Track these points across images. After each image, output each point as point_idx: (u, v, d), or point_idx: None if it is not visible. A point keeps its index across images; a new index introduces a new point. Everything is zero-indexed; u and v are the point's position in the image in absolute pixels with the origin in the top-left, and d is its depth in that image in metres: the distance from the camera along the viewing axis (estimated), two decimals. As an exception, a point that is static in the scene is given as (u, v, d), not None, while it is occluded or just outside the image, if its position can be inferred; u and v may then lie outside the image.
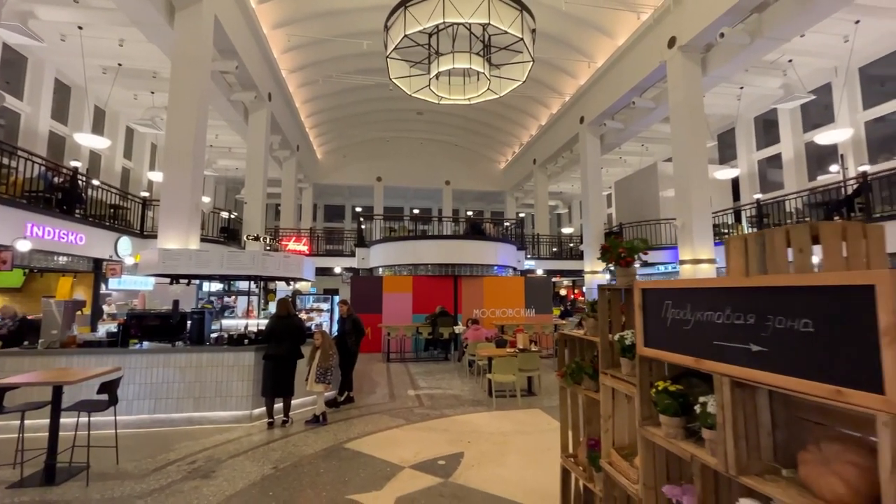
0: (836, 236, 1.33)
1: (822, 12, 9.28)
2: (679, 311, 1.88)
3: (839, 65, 12.58)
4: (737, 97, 14.82)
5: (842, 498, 1.27)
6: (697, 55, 11.27)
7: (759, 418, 1.61)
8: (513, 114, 20.16)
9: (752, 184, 15.86)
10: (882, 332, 1.11)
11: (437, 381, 8.20)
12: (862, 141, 12.41)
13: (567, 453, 3.08)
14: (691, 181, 10.97)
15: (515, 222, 19.01)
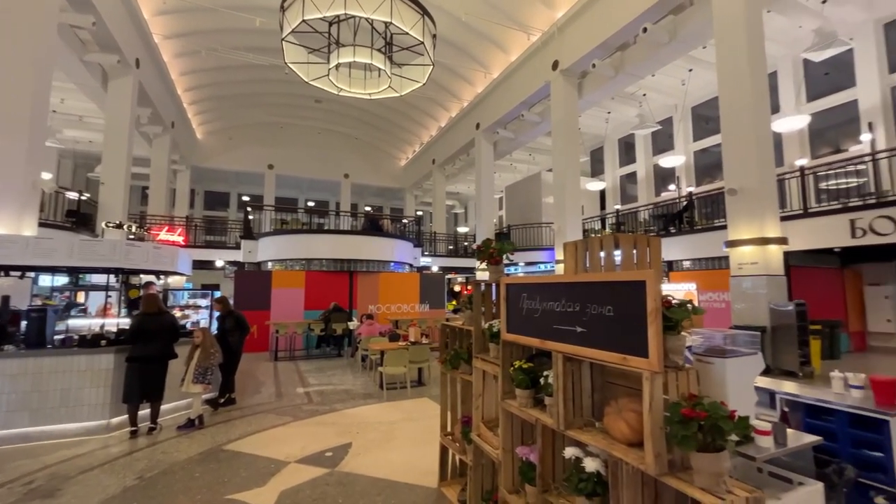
0: (629, 244, 1.80)
1: (665, 59, 11.28)
2: (532, 302, 2.29)
3: (678, 103, 15.37)
4: (605, 120, 17.15)
5: (626, 436, 1.73)
6: (575, 80, 12.80)
7: (583, 384, 2.07)
8: (414, 113, 20.49)
9: (615, 195, 18.51)
10: (648, 314, 1.57)
11: (329, 377, 8.11)
12: (692, 166, 15.34)
13: (445, 432, 3.42)
14: (567, 190, 12.44)
15: (414, 220, 19.40)
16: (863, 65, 10.97)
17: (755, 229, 7.90)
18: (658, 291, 1.56)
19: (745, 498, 1.38)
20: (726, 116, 8.43)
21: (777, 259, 7.95)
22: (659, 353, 1.54)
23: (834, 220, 8.53)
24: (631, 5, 10.18)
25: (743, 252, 8.07)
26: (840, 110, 11.51)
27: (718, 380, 1.99)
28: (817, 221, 8.79)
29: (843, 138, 11.66)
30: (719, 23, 8.52)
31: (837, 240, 8.46)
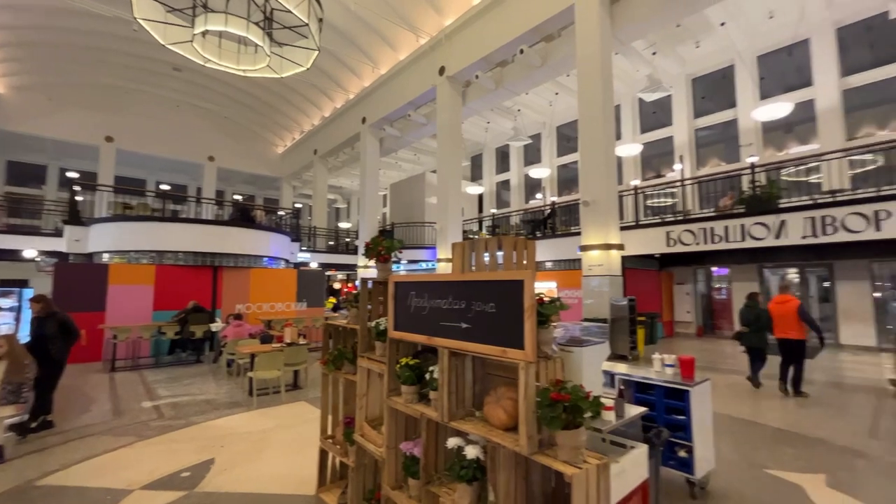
0: (510, 247, 1.97)
1: (537, 80, 12.55)
2: (420, 300, 2.35)
3: (546, 121, 17.26)
4: (485, 129, 18.36)
5: (504, 422, 1.90)
6: (460, 87, 13.43)
7: (466, 377, 2.20)
8: (296, 98, 19.16)
9: (491, 200, 19.95)
10: (525, 310, 1.74)
11: (185, 387, 7.10)
12: (556, 178, 17.38)
13: (326, 435, 3.29)
14: (449, 192, 12.98)
15: (292, 212, 18.13)
16: (677, 109, 13.75)
17: (602, 236, 9.31)
18: (534, 290, 1.75)
19: (596, 465, 1.64)
20: (583, 138, 9.75)
21: (617, 262, 9.48)
22: (534, 345, 1.72)
23: (655, 231, 10.53)
24: (511, 27, 11.08)
25: (592, 255, 9.45)
26: (662, 143, 14.25)
27: (577, 366, 2.31)
28: (645, 232, 10.75)
29: (663, 166, 14.47)
30: (580, 57, 9.81)
31: (657, 247, 10.46)
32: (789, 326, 6.27)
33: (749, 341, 6.75)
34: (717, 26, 11.38)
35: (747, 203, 9.43)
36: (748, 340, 6.77)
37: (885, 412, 5.23)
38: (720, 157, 13.19)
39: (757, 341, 6.68)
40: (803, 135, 11.56)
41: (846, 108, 10.82)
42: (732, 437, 4.45)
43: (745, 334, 6.79)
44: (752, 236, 8.98)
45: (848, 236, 7.87)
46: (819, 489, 3.29)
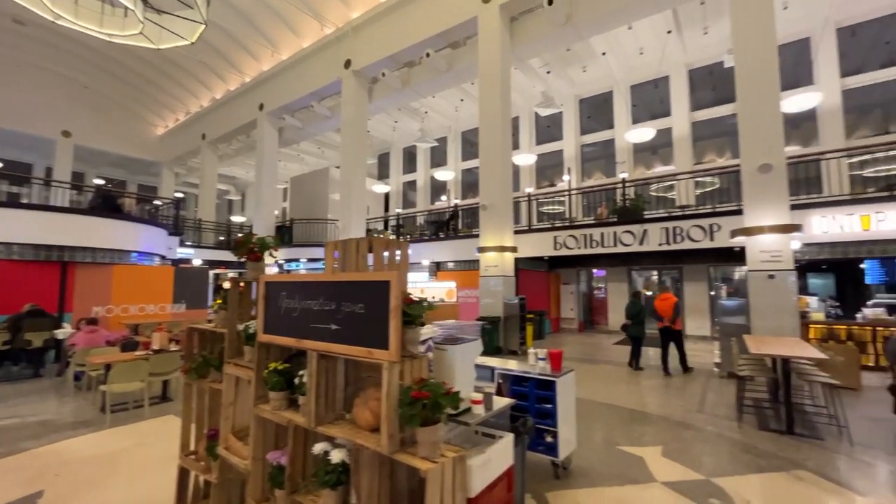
0: (381, 247, 1.98)
1: (443, 85, 12.84)
2: (291, 301, 2.24)
3: (452, 126, 17.76)
4: (392, 128, 18.26)
5: (370, 423, 1.89)
6: (366, 83, 13.17)
7: (337, 380, 2.15)
8: (181, 75, 17.06)
9: (398, 199, 19.92)
10: (391, 310, 1.76)
11: (13, 407, 5.86)
12: (459, 182, 17.96)
13: (187, 451, 2.97)
14: (353, 189, 12.66)
15: (172, 202, 16.10)
16: (567, 126, 15.15)
17: (498, 239, 9.85)
18: (400, 290, 1.77)
19: (453, 458, 1.71)
20: (483, 145, 10.23)
21: (510, 263, 10.12)
22: (398, 345, 1.74)
23: (545, 235, 11.46)
24: (418, 30, 11.19)
25: (489, 257, 9.95)
26: (554, 155, 15.58)
27: (449, 363, 2.41)
28: (536, 236, 11.63)
29: (555, 176, 15.83)
30: (482, 67, 10.27)
31: (546, 250, 11.40)
32: (669, 318, 7.67)
33: (632, 332, 8.03)
34: (599, 55, 12.77)
35: (619, 213, 10.75)
36: (631, 331, 8.05)
37: (710, 390, 6.34)
38: (601, 172, 14.83)
39: (637, 332, 7.98)
40: (664, 157, 13.54)
41: (694, 137, 12.93)
42: (596, 419, 5.02)
43: (629, 326, 8.07)
44: (621, 242, 10.25)
45: (691, 244, 9.41)
46: (656, 459, 3.86)
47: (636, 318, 8.02)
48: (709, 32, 11.67)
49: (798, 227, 6.91)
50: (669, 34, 11.67)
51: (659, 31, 11.67)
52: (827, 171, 9.54)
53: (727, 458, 3.93)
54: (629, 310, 8.21)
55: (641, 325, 8.02)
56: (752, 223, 6.92)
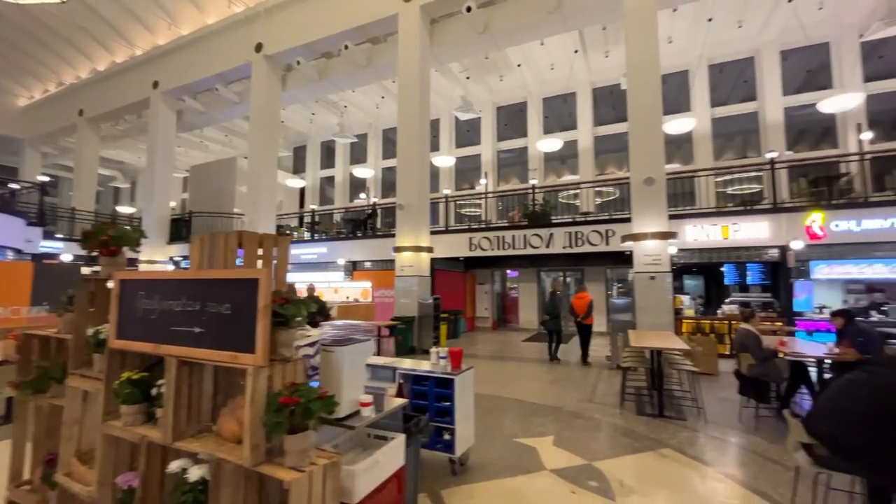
0: (253, 243, 1.83)
1: (362, 80, 12.55)
2: (150, 302, 1.98)
3: (373, 122, 17.45)
4: (310, 121, 17.45)
5: (237, 434, 1.73)
6: (279, 70, 12.40)
7: (203, 388, 1.95)
8: (52, 39, 14.60)
9: (314, 195, 19.05)
10: (259, 311, 1.63)
11: None
12: (380, 180, 17.69)
13: (19, 482, 2.50)
14: (263, 182, 11.83)
15: (36, 186, 13.70)
16: (485, 131, 15.67)
17: (414, 239, 9.86)
18: (270, 289, 1.65)
19: (324, 465, 1.63)
20: (402, 144, 10.18)
21: (426, 263, 10.18)
22: (265, 348, 1.62)
23: (461, 236, 11.72)
24: (336, 20, 10.81)
25: (405, 256, 9.92)
26: (472, 159, 16.02)
27: (337, 365, 2.31)
28: (453, 237, 11.85)
29: (473, 179, 16.29)
30: (402, 66, 10.22)
31: (462, 251, 11.67)
32: (582, 315, 8.51)
33: (550, 327, 8.77)
34: (515, 67, 13.41)
35: (529, 217, 11.36)
36: (549, 326, 8.78)
37: (601, 381, 6.95)
38: (516, 177, 15.58)
39: (555, 327, 8.72)
40: (571, 166, 14.61)
41: (596, 150, 14.14)
42: (499, 414, 5.22)
43: (548, 321, 8.80)
44: (531, 245, 10.84)
45: (591, 248, 10.25)
46: (548, 448, 4.12)
47: (553, 315, 8.76)
48: (609, 56, 12.86)
49: (674, 235, 7.87)
50: (577, 53, 12.63)
51: (568, 50, 12.58)
52: (699, 187, 11.01)
53: (608, 442, 4.31)
54: (548, 307, 8.96)
55: (558, 320, 8.79)
56: (638, 230, 7.74)
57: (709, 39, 11.77)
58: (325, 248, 13.96)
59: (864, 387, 2.43)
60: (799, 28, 10.84)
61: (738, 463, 3.83)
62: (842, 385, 2.59)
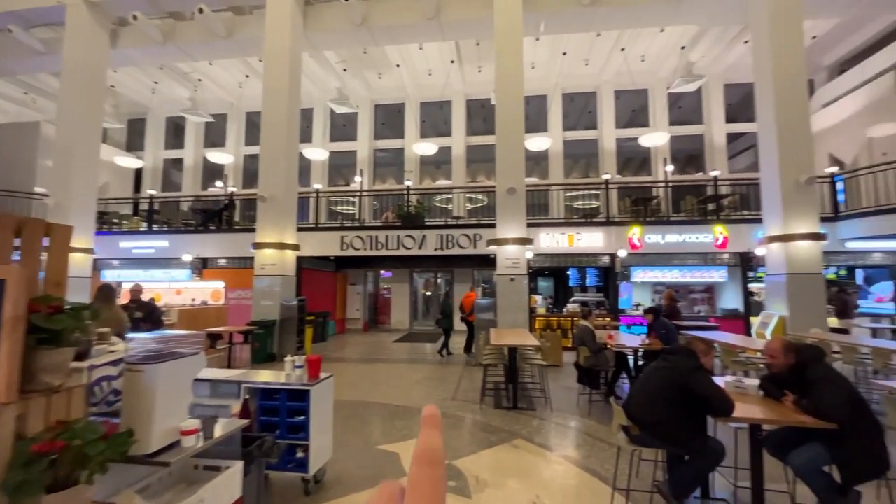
0: (6, 230, 1.33)
1: (221, 53, 11.05)
2: None
3: (235, 103, 15.55)
4: (151, 90, 14.73)
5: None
6: (108, 22, 10.18)
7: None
8: None
9: (155, 179, 16.13)
10: (3, 325, 1.17)
11: None
12: (241, 168, 15.83)
13: None
14: (77, 157, 9.54)
15: None
16: (362, 127, 15.26)
17: (278, 235, 9.01)
18: (25, 294, 1.20)
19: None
20: (267, 130, 9.23)
21: (291, 262, 9.40)
22: (13, 377, 1.17)
23: (332, 235, 11.16)
24: (187, -25, 9.30)
25: (266, 254, 8.99)
26: (348, 155, 15.44)
27: (147, 387, 1.86)
28: (323, 235, 11.20)
29: (348, 175, 15.71)
30: (268, 44, 9.28)
31: (333, 250, 11.11)
32: (468, 312, 9.20)
33: (443, 324, 9.52)
34: (395, 67, 13.35)
35: (403, 218, 11.38)
36: (443, 324, 9.53)
37: (465, 378, 7.26)
38: (392, 177, 15.51)
39: (447, 324, 9.48)
40: (446, 171, 15.14)
41: (469, 159, 14.92)
42: (362, 421, 5.02)
43: (441, 319, 9.62)
44: (404, 246, 10.86)
45: (460, 250, 10.72)
46: (410, 452, 4.06)
47: (446, 314, 9.53)
48: (482, 71, 13.69)
49: (531, 241, 8.69)
50: (453, 64, 13.14)
51: (445, 59, 13.00)
52: (552, 199, 12.42)
53: (468, 438, 4.47)
54: (442, 306, 9.93)
55: (450, 318, 9.55)
56: (501, 235, 8.34)
57: (563, 71, 13.41)
58: (166, 241, 11.89)
59: (660, 372, 2.91)
60: (628, 74, 13.07)
61: (575, 445, 4.32)
62: (647, 372, 3.07)
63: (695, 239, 10.10)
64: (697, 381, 2.68)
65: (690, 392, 2.68)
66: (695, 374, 2.71)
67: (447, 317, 9.51)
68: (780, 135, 7.74)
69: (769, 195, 8.02)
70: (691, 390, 2.67)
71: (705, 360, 2.84)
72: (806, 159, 7.70)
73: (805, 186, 7.60)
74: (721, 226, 10.03)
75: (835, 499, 2.45)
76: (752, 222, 9.78)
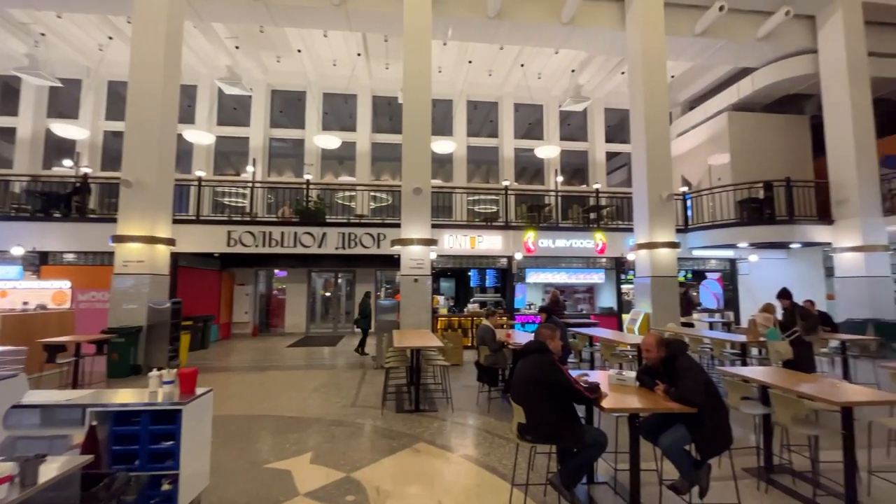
0: None
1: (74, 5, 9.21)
2: None
3: (93, 68, 13.05)
4: (-32, 37, 11.64)
5: None
6: None
7: None
8: None
9: (-29, 151, 12.77)
10: None
11: None
12: (100, 146, 13.35)
13: None
14: None
15: None
16: (256, 113, 13.94)
17: (147, 227, 7.75)
18: None
19: None
20: (134, 103, 7.89)
21: (164, 259, 8.16)
22: None
23: (217, 229, 9.97)
24: None
25: (131, 249, 7.68)
26: (239, 142, 13.97)
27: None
28: (205, 229, 9.95)
29: (239, 164, 14.22)
30: (139, 4, 7.95)
31: (218, 246, 9.93)
32: None
33: (362, 325, 9.82)
34: (295, 51, 12.45)
35: (302, 214, 10.65)
36: (360, 324, 9.86)
37: (366, 383, 7.01)
38: (290, 170, 14.44)
39: (366, 325, 9.81)
40: (349, 168, 14.56)
41: (374, 157, 14.56)
42: (247, 438, 4.50)
43: (360, 319, 9.90)
44: (302, 244, 10.16)
45: (363, 250, 10.37)
46: (303, 468, 3.74)
47: (365, 314, 9.82)
48: (390, 69, 13.49)
49: (435, 242, 8.76)
50: (360, 57, 12.71)
51: (351, 51, 12.52)
52: (455, 202, 12.72)
53: (368, 447, 4.27)
54: (360, 307, 10.02)
55: (368, 318, 9.83)
56: (406, 235, 8.25)
57: (468, 79, 13.84)
58: (-13, 229, 9.47)
59: (524, 372, 2.99)
60: (526, 88, 13.99)
61: (475, 444, 4.40)
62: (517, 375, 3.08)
63: (580, 244, 11.18)
64: (553, 375, 2.85)
65: (553, 386, 2.85)
66: (550, 370, 2.87)
67: (366, 317, 9.86)
68: (648, 156, 8.94)
69: (639, 207, 9.20)
70: (553, 385, 2.84)
71: (553, 344, 3.04)
72: (667, 179, 9.00)
73: (666, 202, 8.88)
74: (601, 233, 11.25)
75: (692, 472, 2.82)
76: (625, 231, 11.16)
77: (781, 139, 12.16)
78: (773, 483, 3.46)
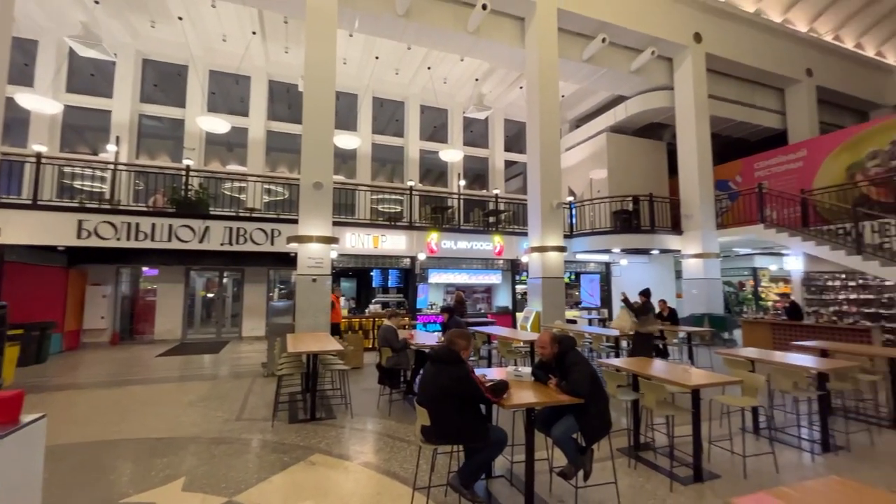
0: None
1: None
2: None
3: None
4: None
5: None
6: None
7: None
8: None
9: None
10: None
11: None
12: None
13: None
14: None
15: None
16: (122, 84, 11.90)
17: (-46, 211, 6.06)
18: None
19: None
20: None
21: (-19, 252, 6.47)
22: None
23: (63, 217, 8.25)
24: None
25: (-73, 239, 5.93)
26: (98, 115, 11.77)
27: None
28: (46, 216, 8.17)
29: (96, 141, 11.96)
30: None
31: (64, 238, 8.22)
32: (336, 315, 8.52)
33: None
34: (176, 18, 10.90)
35: (179, 204, 9.35)
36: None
37: (253, 393, 6.37)
38: (166, 153, 12.59)
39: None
40: (240, 156, 13.20)
41: (269, 146, 13.42)
42: (101, 470, 3.75)
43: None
44: (178, 238, 8.93)
45: (254, 247, 9.48)
46: (174, 498, 3.23)
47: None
48: (290, 53, 12.58)
49: (336, 240, 8.36)
50: (254, 35, 11.62)
51: (245, 28, 11.38)
52: (359, 200, 12.34)
53: (255, 465, 3.86)
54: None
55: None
56: (304, 232, 7.74)
57: (375, 75, 13.55)
58: None
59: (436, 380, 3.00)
60: (433, 91, 14.18)
61: (375, 450, 4.26)
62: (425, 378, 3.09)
63: (480, 246, 11.65)
64: (467, 388, 2.91)
65: (466, 398, 2.92)
66: (465, 383, 2.90)
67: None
68: (542, 167, 9.68)
69: (533, 213, 9.90)
70: (466, 397, 2.92)
71: (465, 353, 3.10)
72: (557, 189, 9.84)
73: (556, 209, 9.70)
74: (499, 236, 11.87)
75: (578, 458, 3.06)
76: (520, 235, 11.93)
77: (646, 160, 14.15)
78: (640, 460, 3.94)
